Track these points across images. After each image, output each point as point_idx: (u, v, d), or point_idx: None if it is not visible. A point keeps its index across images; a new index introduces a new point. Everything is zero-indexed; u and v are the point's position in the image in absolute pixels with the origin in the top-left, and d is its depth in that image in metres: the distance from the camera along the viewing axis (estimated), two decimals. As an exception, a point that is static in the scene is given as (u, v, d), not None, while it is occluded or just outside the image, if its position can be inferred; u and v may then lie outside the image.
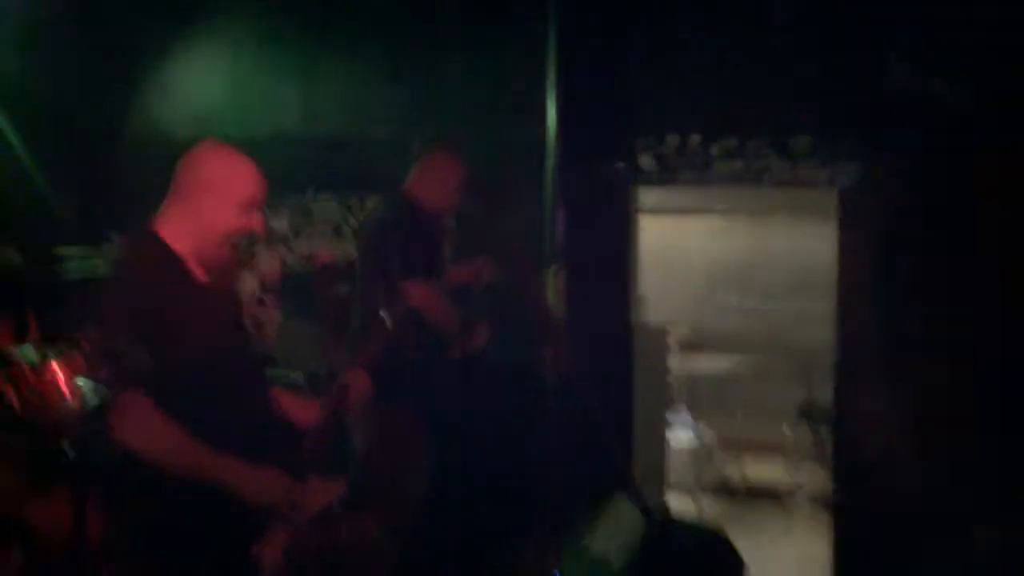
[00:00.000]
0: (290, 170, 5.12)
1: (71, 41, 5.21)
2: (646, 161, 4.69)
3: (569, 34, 4.36)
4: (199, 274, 2.66)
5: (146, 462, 2.49)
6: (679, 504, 5.50)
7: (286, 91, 5.34)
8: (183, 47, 5.46)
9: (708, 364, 6.28)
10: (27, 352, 3.69)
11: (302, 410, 2.83)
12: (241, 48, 5.39)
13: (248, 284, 4.73)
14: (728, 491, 6.06)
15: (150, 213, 2.68)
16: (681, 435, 5.90)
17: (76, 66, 5.29)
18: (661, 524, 3.60)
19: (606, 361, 4.56)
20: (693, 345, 6.48)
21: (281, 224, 5.17)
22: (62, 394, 3.65)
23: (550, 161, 4.31)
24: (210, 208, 2.61)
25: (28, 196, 5.09)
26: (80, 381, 3.70)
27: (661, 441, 5.26)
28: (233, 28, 5.34)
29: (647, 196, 4.95)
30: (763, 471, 6.19)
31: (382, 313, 2.89)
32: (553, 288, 4.27)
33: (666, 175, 4.69)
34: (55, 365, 3.69)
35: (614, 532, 3.49)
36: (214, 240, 2.65)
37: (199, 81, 5.53)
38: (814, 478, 5.69)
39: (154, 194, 5.30)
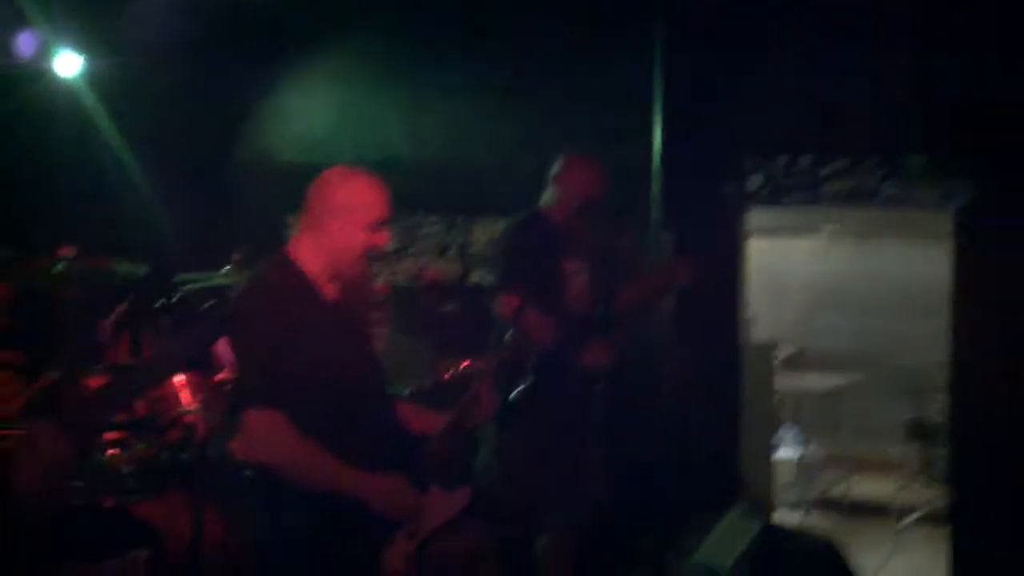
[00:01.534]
0: (398, 191, 5.25)
1: (189, 67, 5.43)
2: (755, 182, 4.69)
3: (677, 55, 4.38)
4: (329, 293, 2.78)
5: (275, 474, 2.59)
6: (786, 521, 5.45)
7: (395, 116, 5.47)
8: (297, 74, 5.65)
9: (814, 382, 6.23)
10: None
11: (425, 422, 2.92)
12: (352, 74, 5.55)
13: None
14: (834, 508, 5.99)
15: (266, 233, 2.82)
16: (787, 452, 5.86)
17: (193, 92, 5.51)
18: (772, 535, 3.58)
19: (715, 379, 4.57)
20: (800, 363, 6.44)
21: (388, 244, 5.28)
22: (184, 406, 3.82)
23: (657, 183, 4.33)
24: (341, 230, 2.73)
25: (150, 215, 5.31)
26: (203, 395, 3.88)
27: (768, 457, 5.24)
28: (344, 55, 5.50)
29: (755, 216, 4.95)
30: (870, 489, 6.11)
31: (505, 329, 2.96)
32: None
33: (775, 195, 4.68)
34: (178, 379, 3.87)
35: (726, 544, 3.49)
36: (344, 260, 2.76)
37: (311, 107, 5.72)
38: (924, 496, 5.59)
39: (268, 215, 5.48)
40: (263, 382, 2.59)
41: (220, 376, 3.95)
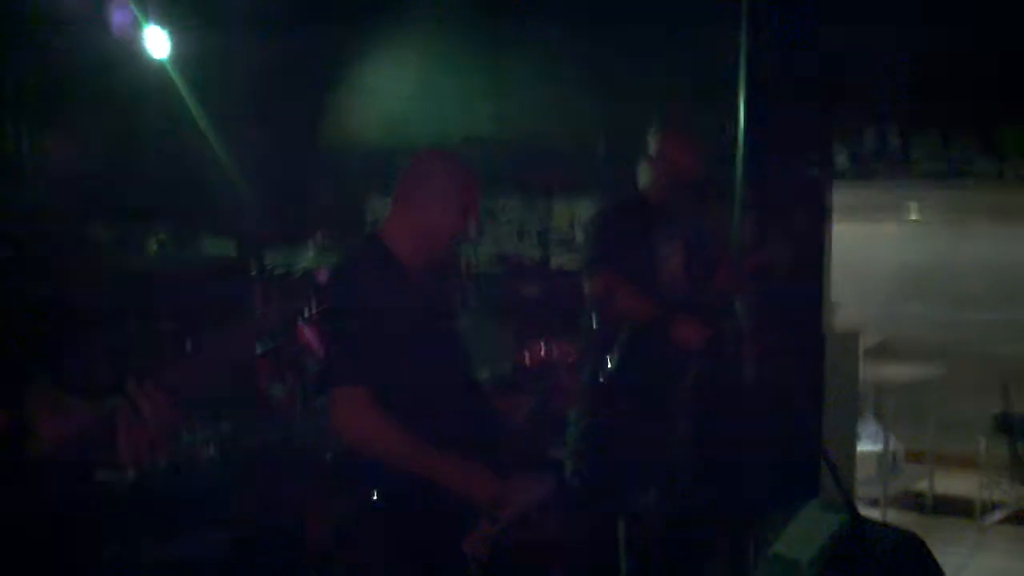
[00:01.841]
0: (479, 173, 5.25)
1: (270, 47, 5.47)
2: (841, 160, 4.58)
3: (762, 28, 4.29)
4: (418, 276, 2.78)
5: (360, 455, 2.61)
6: (867, 515, 5.35)
7: (476, 97, 5.46)
8: (379, 53, 5.66)
9: (898, 373, 6.09)
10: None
11: (509, 406, 2.92)
12: (434, 54, 5.54)
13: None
14: (916, 504, 5.87)
15: (348, 214, 2.84)
16: (869, 445, 5.74)
17: (276, 72, 5.56)
18: (853, 528, 3.51)
19: (797, 367, 4.49)
20: (884, 353, 6.29)
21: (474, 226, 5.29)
22: (268, 386, 3.88)
23: (742, 162, 4.24)
24: (433, 213, 2.73)
25: (238, 195, 5.38)
26: (287, 375, 3.93)
27: (849, 450, 5.14)
28: (427, 35, 5.50)
29: (841, 197, 4.83)
30: (954, 485, 5.96)
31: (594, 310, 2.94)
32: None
33: (862, 174, 4.57)
34: (261, 359, 3.92)
35: (805, 536, 3.43)
36: (435, 244, 2.77)
37: (393, 87, 5.74)
38: (1010, 493, 5.45)
39: (350, 195, 5.51)
40: (351, 362, 2.61)
41: (305, 357, 4.00)
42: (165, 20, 5.28)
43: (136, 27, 5.26)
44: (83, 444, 1.62)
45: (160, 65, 5.43)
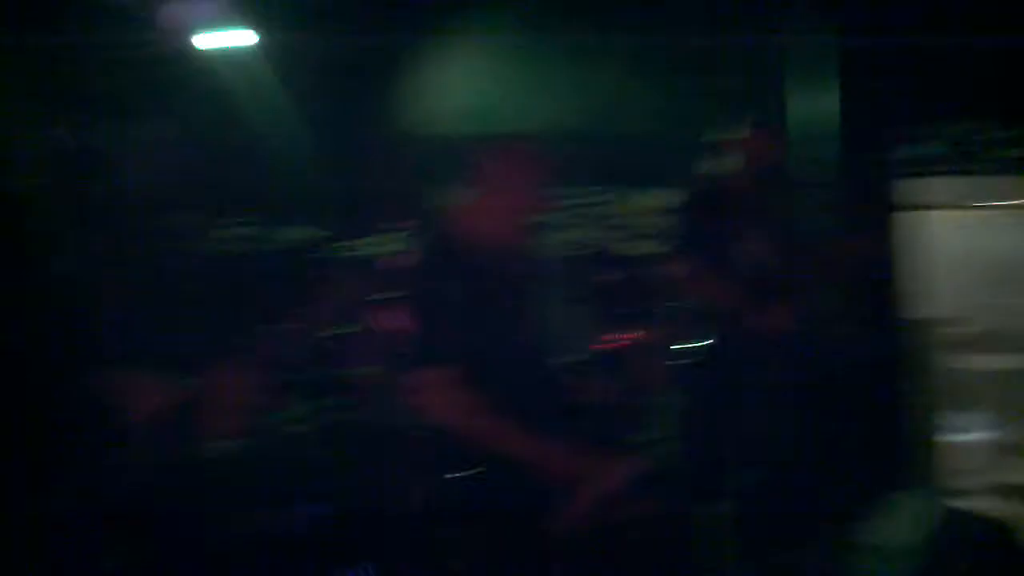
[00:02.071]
0: (557, 162, 5.24)
1: (350, 38, 5.55)
2: (930, 148, 4.48)
3: (847, 15, 4.23)
4: (493, 261, 2.79)
5: (444, 434, 2.63)
6: (959, 505, 5.22)
7: (552, 86, 5.46)
8: (459, 44, 5.70)
9: (989, 363, 5.93)
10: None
11: (592, 390, 2.91)
12: (510, 44, 5.56)
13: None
14: (1009, 495, 5.71)
15: (428, 202, 2.87)
16: (960, 435, 5.61)
17: (353, 63, 5.63)
18: (946, 518, 3.45)
19: (887, 358, 4.41)
20: (974, 343, 6.13)
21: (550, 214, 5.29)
22: (352, 367, 3.94)
23: (827, 149, 4.20)
24: (505, 199, 2.75)
25: (313, 183, 5.46)
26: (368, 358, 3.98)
27: (939, 439, 5.03)
28: (504, 24, 5.51)
29: (929, 185, 4.73)
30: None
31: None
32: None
33: (952, 162, 4.47)
34: (346, 340, 3.99)
35: (898, 526, 3.37)
36: (508, 229, 2.78)
37: (469, 76, 5.76)
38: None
39: (425, 185, 5.55)
40: (432, 344, 2.63)
41: (383, 340, 4.04)
42: (247, 18, 5.43)
43: (217, 24, 5.42)
44: (180, 418, 1.64)
45: (247, 61, 5.59)
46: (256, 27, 5.43)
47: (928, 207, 4.87)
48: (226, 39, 5.48)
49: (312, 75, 5.56)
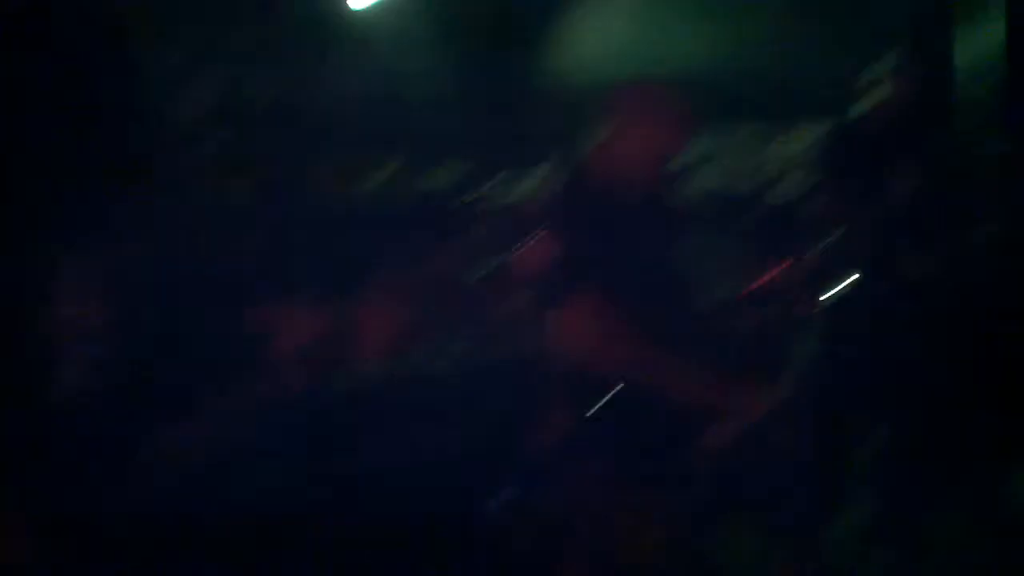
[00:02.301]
0: (698, 104, 5.19)
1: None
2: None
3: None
4: (633, 203, 2.81)
5: (590, 366, 2.68)
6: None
7: (689, 26, 5.38)
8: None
9: None
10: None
11: (737, 324, 2.92)
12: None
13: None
14: None
15: (569, 147, 2.90)
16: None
17: (483, 17, 5.68)
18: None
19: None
20: None
21: (697, 154, 5.24)
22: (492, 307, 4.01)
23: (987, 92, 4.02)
24: (641, 139, 2.75)
25: (453, 134, 5.55)
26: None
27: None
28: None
29: None
30: None
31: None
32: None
33: None
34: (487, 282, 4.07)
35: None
36: (646, 170, 2.79)
37: (604, 22, 5.73)
38: None
39: (562, 133, 5.56)
40: (577, 279, 2.67)
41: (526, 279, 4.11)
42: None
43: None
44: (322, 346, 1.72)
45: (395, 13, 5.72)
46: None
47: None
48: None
49: (458, 23, 5.63)
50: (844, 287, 3.63)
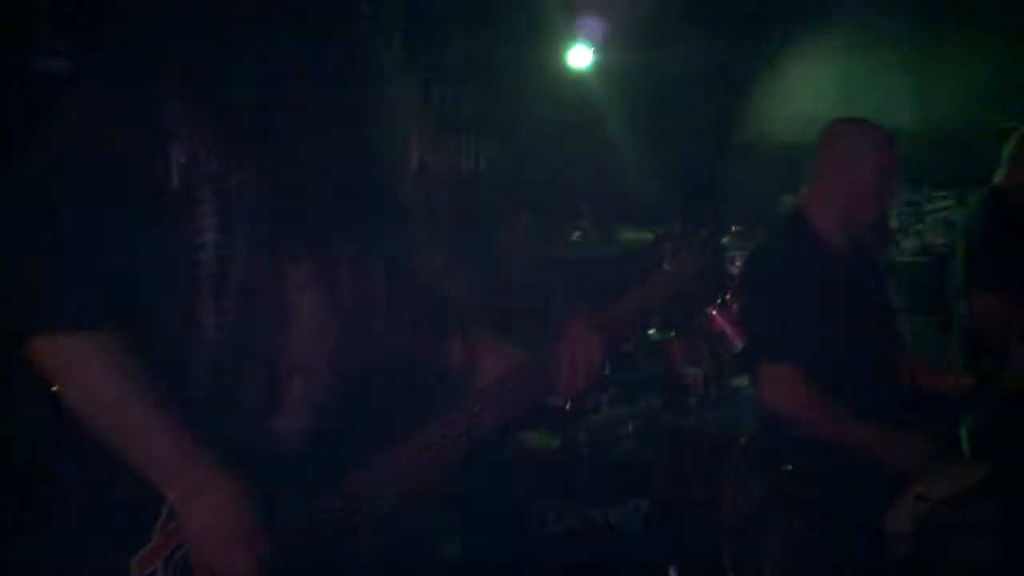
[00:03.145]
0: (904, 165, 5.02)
1: (687, 51, 5.62)
2: None
3: None
4: (841, 249, 2.74)
5: (790, 430, 2.60)
6: None
7: (898, 86, 5.24)
8: (792, 49, 5.62)
9: None
10: (652, 332, 4.13)
11: (938, 381, 2.80)
12: (851, 47, 5.41)
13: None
14: None
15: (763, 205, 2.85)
16: None
17: (690, 76, 5.69)
18: None
19: None
20: None
21: (891, 219, 5.07)
22: (683, 369, 3.96)
23: None
24: (851, 178, 2.69)
25: (650, 189, 5.57)
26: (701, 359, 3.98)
27: None
28: (842, 27, 5.37)
29: None
30: None
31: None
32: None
33: None
34: (677, 344, 4.03)
35: None
36: (855, 210, 2.72)
37: (808, 84, 5.66)
38: None
39: (763, 193, 5.48)
40: (780, 338, 2.62)
41: (718, 343, 4.03)
42: (587, 37, 5.70)
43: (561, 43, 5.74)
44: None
45: (583, 75, 5.85)
46: (594, 46, 5.67)
47: None
48: (566, 57, 5.78)
49: (647, 87, 5.70)
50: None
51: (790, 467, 2.66)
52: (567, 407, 3.66)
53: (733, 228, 4.27)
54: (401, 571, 1.64)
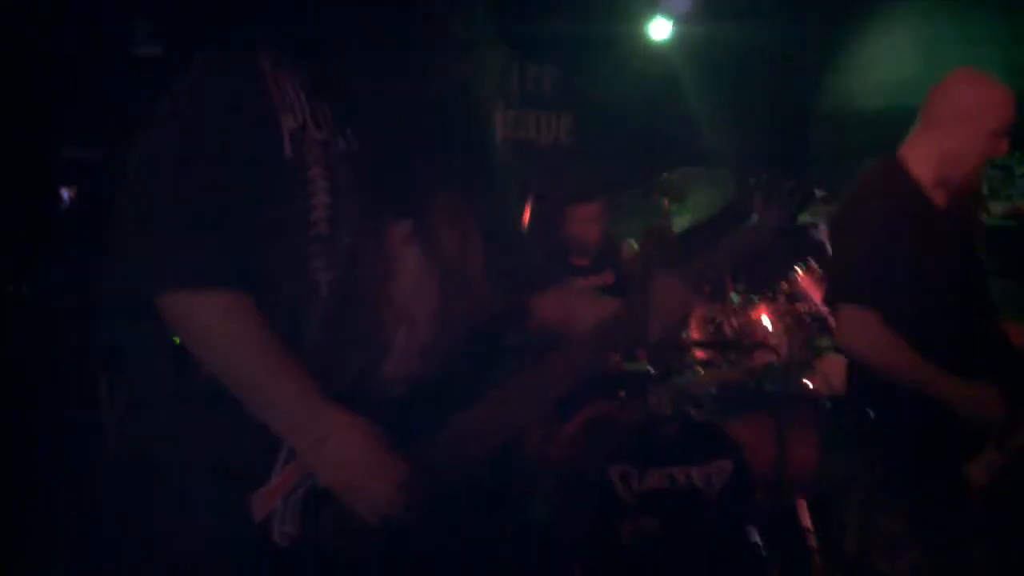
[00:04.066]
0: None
1: (769, 22, 5.60)
2: None
3: None
4: (938, 200, 2.70)
5: (870, 375, 2.61)
6: None
7: (983, 52, 5.13)
8: (877, 19, 5.56)
9: None
10: (734, 297, 4.16)
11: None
12: (937, 9, 5.32)
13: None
14: None
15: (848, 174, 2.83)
16: None
17: (771, 46, 5.67)
18: None
19: None
20: None
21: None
22: (768, 333, 4.00)
23: None
24: (962, 134, 2.63)
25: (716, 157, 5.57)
26: (786, 324, 4.01)
27: None
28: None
29: None
30: None
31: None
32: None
33: None
34: (760, 308, 4.07)
35: None
36: (961, 166, 2.66)
37: (895, 50, 5.58)
38: None
39: (847, 163, 5.42)
40: (864, 282, 2.58)
41: (802, 307, 4.05)
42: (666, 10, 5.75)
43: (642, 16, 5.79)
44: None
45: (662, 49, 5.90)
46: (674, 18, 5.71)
47: None
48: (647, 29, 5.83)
49: (727, 60, 5.71)
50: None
51: (872, 414, 2.65)
52: (652, 370, 3.78)
53: (817, 193, 4.26)
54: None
